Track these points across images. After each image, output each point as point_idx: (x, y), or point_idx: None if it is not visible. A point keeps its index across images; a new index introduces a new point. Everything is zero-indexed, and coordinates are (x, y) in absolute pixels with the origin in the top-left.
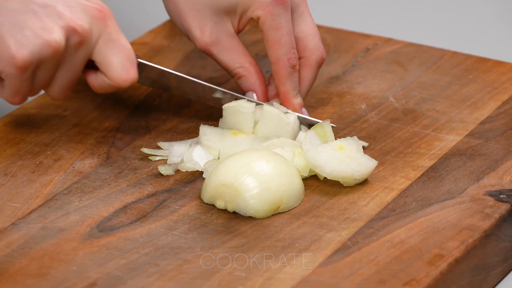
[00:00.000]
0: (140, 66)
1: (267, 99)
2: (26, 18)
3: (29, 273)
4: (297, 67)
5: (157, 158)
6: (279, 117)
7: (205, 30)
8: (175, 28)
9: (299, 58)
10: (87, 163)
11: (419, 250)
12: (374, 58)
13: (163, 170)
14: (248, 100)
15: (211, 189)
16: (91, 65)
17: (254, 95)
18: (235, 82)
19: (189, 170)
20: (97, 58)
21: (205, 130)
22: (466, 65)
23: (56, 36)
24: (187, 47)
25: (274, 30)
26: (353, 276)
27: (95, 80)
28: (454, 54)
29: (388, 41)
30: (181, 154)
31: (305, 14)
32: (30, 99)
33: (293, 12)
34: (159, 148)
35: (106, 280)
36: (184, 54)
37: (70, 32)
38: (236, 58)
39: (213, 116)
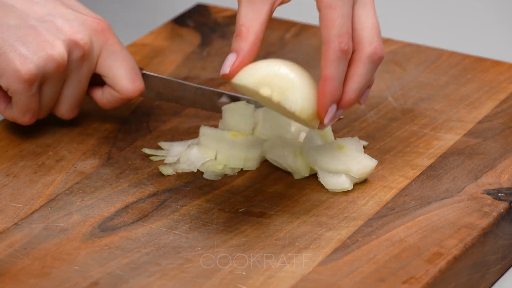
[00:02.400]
0: (144, 77)
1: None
2: (27, 32)
3: (32, 272)
4: (348, 55)
5: (158, 158)
6: (281, 118)
7: None
8: (175, 30)
9: (353, 52)
10: (88, 164)
11: (418, 248)
12: None
13: (164, 170)
14: (247, 101)
15: (261, 75)
16: (95, 82)
17: (233, 55)
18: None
19: (184, 171)
20: (102, 71)
21: (205, 131)
22: (464, 65)
23: (59, 49)
24: (187, 48)
25: (329, 9)
26: (353, 274)
27: (102, 95)
28: (452, 54)
29: (387, 41)
30: (178, 154)
31: (368, 7)
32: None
33: (356, 2)
34: (160, 148)
35: (108, 280)
36: (185, 55)
37: (72, 45)
38: (248, 17)
39: (214, 116)
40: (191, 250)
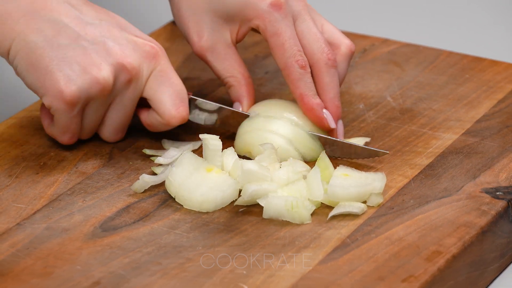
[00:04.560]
0: (194, 102)
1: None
2: (75, 54)
3: (34, 272)
4: (308, 68)
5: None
6: (260, 173)
7: (202, 36)
8: (175, 31)
9: (311, 66)
10: (90, 164)
11: (417, 247)
12: (372, 58)
13: (136, 185)
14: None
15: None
16: (145, 103)
17: (237, 104)
18: (226, 91)
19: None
20: (148, 95)
21: (184, 158)
22: (462, 65)
23: (105, 73)
24: (187, 49)
25: (275, 36)
26: (353, 273)
27: (147, 118)
28: (450, 54)
29: (385, 41)
30: (172, 157)
31: (307, 21)
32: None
33: (295, 20)
34: (160, 148)
35: (110, 279)
36: (185, 56)
37: (119, 69)
38: (228, 67)
39: None
40: (192, 249)
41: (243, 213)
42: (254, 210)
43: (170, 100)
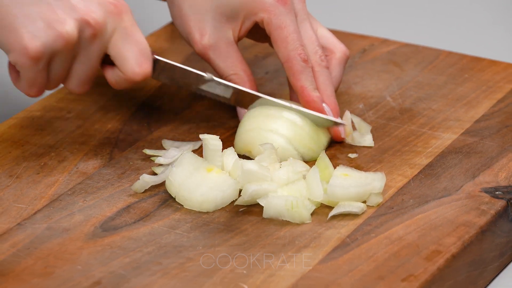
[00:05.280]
0: (157, 62)
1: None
2: (39, 10)
3: (35, 272)
4: (309, 63)
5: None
6: (260, 173)
7: (204, 34)
8: (175, 31)
9: None
10: (90, 164)
11: (416, 246)
12: (371, 58)
13: (136, 186)
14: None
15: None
16: (110, 61)
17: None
18: None
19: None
20: (112, 52)
21: (184, 158)
22: (461, 65)
23: (69, 28)
24: (187, 49)
25: (279, 29)
26: (352, 273)
27: (111, 75)
28: (450, 54)
29: (385, 41)
30: (172, 157)
31: (305, 21)
32: (48, 92)
33: (295, 17)
34: (161, 148)
35: (110, 279)
36: (185, 56)
37: (83, 24)
38: (231, 65)
39: (214, 117)
40: (192, 249)
41: (243, 213)
42: (254, 210)
43: (133, 57)
